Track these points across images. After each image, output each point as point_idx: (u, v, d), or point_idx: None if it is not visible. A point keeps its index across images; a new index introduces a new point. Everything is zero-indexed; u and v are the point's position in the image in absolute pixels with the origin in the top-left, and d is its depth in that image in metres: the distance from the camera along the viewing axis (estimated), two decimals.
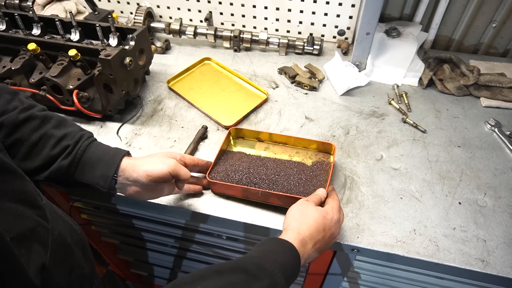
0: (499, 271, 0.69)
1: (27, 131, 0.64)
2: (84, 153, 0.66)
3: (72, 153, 0.65)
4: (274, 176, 0.81)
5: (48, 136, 0.65)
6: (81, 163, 0.65)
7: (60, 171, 0.65)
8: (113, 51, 0.85)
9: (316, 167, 0.84)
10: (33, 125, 0.64)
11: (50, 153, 0.64)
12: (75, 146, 0.65)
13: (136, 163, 0.68)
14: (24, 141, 0.64)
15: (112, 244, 1.31)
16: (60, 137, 0.65)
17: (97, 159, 0.66)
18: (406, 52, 1.11)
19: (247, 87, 1.09)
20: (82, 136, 0.67)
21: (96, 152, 0.67)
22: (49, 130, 0.65)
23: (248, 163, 0.84)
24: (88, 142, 0.67)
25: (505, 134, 0.93)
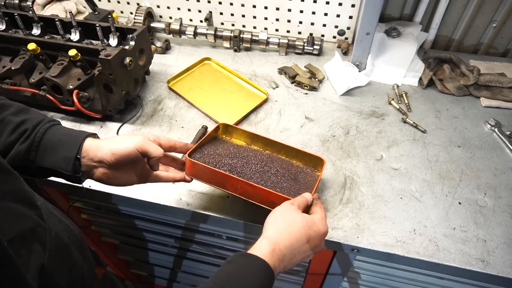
0: (499, 271, 0.69)
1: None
2: (43, 135, 0.60)
3: (30, 137, 0.59)
4: (259, 173, 0.75)
5: (6, 122, 0.59)
6: (41, 146, 0.60)
7: (18, 156, 0.59)
8: (113, 51, 0.85)
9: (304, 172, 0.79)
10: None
11: (7, 140, 0.59)
12: (34, 130, 0.60)
13: (100, 142, 0.62)
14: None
15: (112, 244, 1.31)
16: (18, 122, 0.59)
17: (58, 141, 0.60)
18: (406, 52, 1.11)
19: (247, 87, 1.09)
20: (42, 120, 0.61)
21: (56, 135, 0.61)
22: (7, 117, 0.60)
23: (233, 154, 0.77)
24: (48, 126, 0.61)
25: (505, 134, 0.93)
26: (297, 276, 1.09)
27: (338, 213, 0.78)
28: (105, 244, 1.29)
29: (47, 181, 0.85)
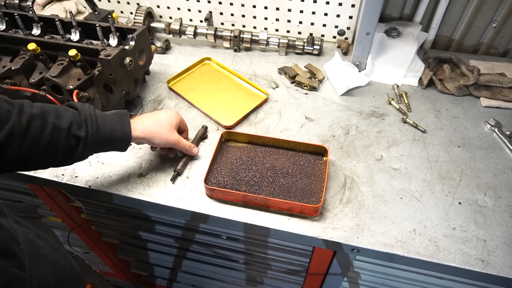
0: (499, 271, 0.69)
1: (36, 132, 0.63)
2: (98, 137, 0.68)
3: (88, 141, 0.67)
4: (270, 181, 0.82)
5: (58, 129, 0.65)
6: (97, 146, 0.69)
7: (82, 156, 0.69)
8: (113, 51, 0.85)
9: (311, 169, 0.84)
10: (38, 124, 0.63)
11: (68, 144, 0.66)
12: (87, 135, 0.67)
13: (147, 136, 0.75)
14: (39, 142, 0.63)
15: (112, 244, 1.31)
16: (67, 128, 0.65)
17: (110, 137, 0.69)
18: (406, 52, 1.11)
19: (247, 87, 1.09)
20: (86, 120, 0.67)
21: (106, 132, 0.69)
22: (55, 123, 0.65)
23: (243, 167, 0.84)
24: (96, 125, 0.68)
25: (505, 134, 0.93)
26: (297, 276, 1.09)
27: (338, 213, 0.78)
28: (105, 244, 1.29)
29: (47, 181, 0.85)
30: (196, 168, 0.87)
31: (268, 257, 1.03)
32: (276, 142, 0.88)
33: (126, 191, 0.82)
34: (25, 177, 0.87)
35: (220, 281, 1.32)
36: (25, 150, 0.62)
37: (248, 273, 1.19)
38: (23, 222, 0.55)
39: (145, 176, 0.85)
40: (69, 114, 0.66)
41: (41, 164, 0.68)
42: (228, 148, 0.89)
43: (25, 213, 0.61)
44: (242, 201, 0.79)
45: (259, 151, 0.88)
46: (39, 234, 0.55)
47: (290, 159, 0.86)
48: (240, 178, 0.82)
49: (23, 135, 0.61)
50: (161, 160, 0.88)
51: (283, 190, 0.80)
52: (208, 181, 0.81)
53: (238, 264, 1.14)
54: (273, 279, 1.16)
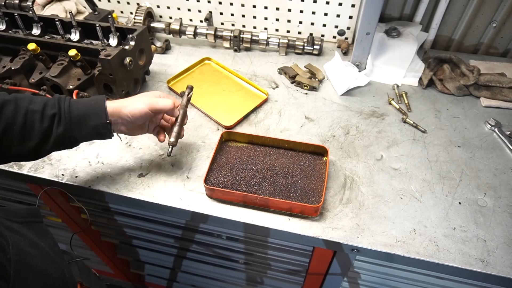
0: (499, 271, 0.69)
1: (10, 115, 0.64)
2: (71, 113, 0.68)
3: (61, 119, 0.67)
4: (270, 181, 0.82)
5: (31, 112, 0.66)
6: (73, 123, 0.68)
7: (60, 138, 0.68)
8: (113, 51, 0.85)
9: (311, 169, 0.84)
10: (11, 108, 0.65)
11: (42, 127, 0.66)
12: (60, 111, 0.67)
13: (119, 105, 0.72)
14: (12, 125, 0.65)
15: (112, 244, 1.31)
16: (41, 109, 0.66)
17: (85, 114, 0.69)
18: (406, 52, 1.11)
19: (247, 87, 1.09)
20: (59, 100, 0.69)
21: (80, 109, 0.69)
22: (28, 107, 0.66)
23: (243, 167, 0.84)
24: (68, 103, 0.68)
25: (505, 134, 0.93)
26: (297, 276, 1.09)
27: (338, 213, 0.78)
28: (105, 244, 1.29)
29: (47, 181, 0.85)
30: (196, 168, 0.87)
31: (268, 257, 1.03)
32: (276, 142, 0.88)
33: (126, 191, 0.82)
34: (25, 177, 0.87)
35: (220, 281, 1.32)
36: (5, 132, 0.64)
37: (248, 273, 1.19)
38: (18, 229, 0.54)
39: (145, 176, 0.85)
40: (43, 99, 0.68)
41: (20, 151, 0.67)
42: (228, 148, 0.89)
43: (24, 218, 0.61)
44: (242, 201, 0.79)
45: (259, 151, 0.88)
46: (34, 243, 0.54)
47: (290, 159, 0.86)
48: (240, 178, 0.82)
49: None
50: (161, 160, 0.88)
51: (283, 190, 0.80)
52: (208, 181, 0.81)
53: (238, 264, 1.14)
54: (273, 279, 1.16)
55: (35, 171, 0.86)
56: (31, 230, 0.59)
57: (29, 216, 0.62)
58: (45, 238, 0.62)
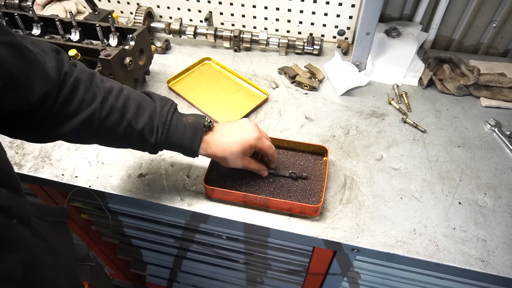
0: (499, 271, 0.69)
1: (112, 125, 0.65)
2: (166, 142, 0.69)
3: (155, 147, 0.69)
4: (270, 181, 0.82)
5: (131, 127, 0.66)
6: (167, 142, 0.70)
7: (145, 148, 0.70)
8: (113, 51, 0.85)
9: (311, 169, 0.84)
10: (115, 117, 0.65)
11: (139, 142, 0.68)
12: (157, 139, 0.68)
13: (216, 139, 0.72)
14: (114, 133, 0.66)
15: (112, 244, 1.31)
16: (140, 130, 0.66)
17: (177, 145, 0.70)
18: (406, 52, 1.11)
19: (247, 87, 1.09)
20: (158, 127, 0.67)
21: (174, 143, 0.70)
22: (131, 121, 0.65)
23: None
24: (165, 136, 0.68)
25: (505, 134, 0.93)
26: (297, 276, 1.09)
27: (338, 213, 0.78)
28: (105, 244, 1.29)
29: (47, 181, 0.85)
30: (196, 168, 0.87)
31: (268, 257, 1.03)
32: (276, 142, 0.88)
33: (126, 191, 0.82)
34: (25, 177, 0.87)
35: (220, 281, 1.32)
36: (102, 135, 0.66)
37: (248, 273, 1.19)
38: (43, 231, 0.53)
39: (145, 176, 0.85)
40: (147, 115, 0.67)
41: (118, 147, 0.71)
42: None
43: (54, 217, 0.60)
44: (242, 201, 0.79)
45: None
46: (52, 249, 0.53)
47: (290, 159, 0.86)
48: (240, 178, 0.82)
49: (101, 123, 0.64)
50: (161, 160, 0.88)
51: (283, 190, 0.80)
52: (208, 181, 0.81)
53: (238, 264, 1.14)
54: (273, 279, 1.16)
55: (35, 171, 0.86)
56: (56, 231, 0.59)
57: (59, 216, 0.62)
58: (66, 241, 0.61)
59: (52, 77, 0.59)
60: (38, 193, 1.05)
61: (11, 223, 0.43)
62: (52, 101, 0.59)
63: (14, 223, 0.44)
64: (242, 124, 0.74)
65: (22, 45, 0.54)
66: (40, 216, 0.56)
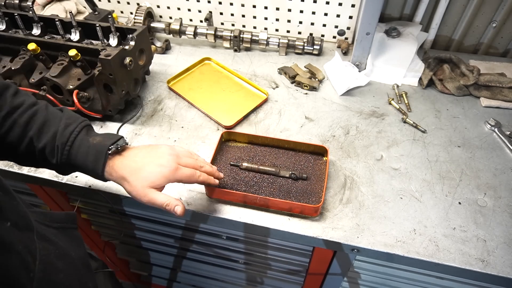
0: (499, 271, 0.69)
1: (13, 141, 0.63)
2: (68, 167, 0.65)
3: (58, 168, 0.66)
4: (270, 181, 0.82)
5: (32, 146, 0.63)
6: (70, 162, 0.65)
7: (47, 166, 0.67)
8: (113, 51, 0.85)
9: (311, 169, 0.84)
10: (16, 133, 0.62)
11: (42, 161, 0.65)
12: (57, 163, 0.64)
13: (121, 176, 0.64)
14: (16, 149, 0.64)
15: (112, 244, 1.31)
16: (40, 149, 0.63)
17: (84, 158, 0.65)
18: (406, 52, 1.11)
19: (247, 87, 1.09)
20: (58, 148, 0.64)
21: (77, 165, 0.65)
22: (33, 138, 0.63)
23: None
24: (66, 157, 0.64)
25: (505, 134, 0.93)
26: (297, 276, 1.09)
27: (338, 213, 0.78)
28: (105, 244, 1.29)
29: (47, 181, 0.85)
30: None
31: (268, 257, 1.03)
32: (276, 142, 0.88)
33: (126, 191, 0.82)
34: (25, 177, 0.87)
35: (220, 281, 1.32)
36: (6, 152, 0.63)
37: (248, 273, 1.19)
38: (51, 236, 0.52)
39: None
40: (50, 133, 0.63)
41: (26, 165, 0.69)
42: (228, 148, 0.89)
43: (61, 223, 0.59)
44: (242, 201, 0.79)
45: (259, 151, 0.88)
46: (64, 253, 0.52)
47: (290, 159, 0.86)
48: (240, 178, 0.82)
49: (1, 139, 0.62)
50: None
51: (283, 190, 0.80)
52: None
53: (238, 264, 1.14)
54: (273, 279, 1.16)
55: (35, 171, 0.86)
56: (65, 236, 0.58)
57: (66, 222, 0.61)
58: (77, 246, 0.60)
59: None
60: (38, 193, 1.05)
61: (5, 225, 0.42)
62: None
63: (9, 225, 0.43)
64: (158, 152, 0.67)
65: None
66: (45, 223, 0.55)
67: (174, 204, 0.64)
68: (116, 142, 0.65)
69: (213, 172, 0.73)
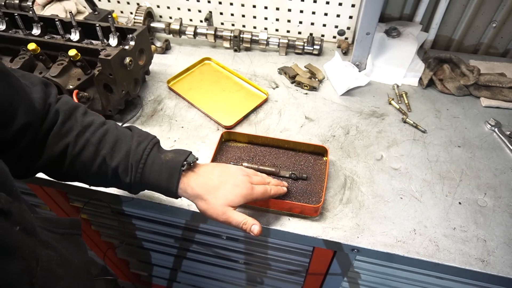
0: (499, 271, 0.69)
1: (86, 160, 0.62)
2: (141, 186, 0.65)
3: (131, 188, 0.65)
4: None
5: (105, 164, 0.63)
6: (142, 184, 0.65)
7: (119, 185, 0.66)
8: (113, 51, 0.85)
9: (311, 169, 0.84)
10: (89, 152, 0.62)
11: (114, 180, 0.64)
12: (130, 183, 0.64)
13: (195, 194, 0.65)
14: (88, 169, 0.63)
15: (112, 244, 1.31)
16: (114, 167, 0.63)
17: (154, 189, 0.65)
18: (406, 52, 1.11)
19: (247, 87, 1.09)
20: (132, 166, 0.63)
21: (150, 184, 0.64)
22: (106, 157, 0.62)
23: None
24: (140, 176, 0.63)
25: (505, 134, 0.93)
26: (297, 276, 1.09)
27: (338, 213, 0.78)
28: (105, 244, 1.29)
29: (47, 181, 0.85)
30: None
31: (268, 257, 1.03)
32: (276, 142, 0.88)
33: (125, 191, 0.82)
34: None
35: (220, 281, 1.32)
36: (77, 171, 0.63)
37: (248, 273, 1.19)
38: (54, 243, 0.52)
39: None
40: (123, 152, 0.62)
41: (97, 185, 0.68)
42: (228, 148, 0.89)
43: (66, 229, 0.58)
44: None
45: (259, 151, 0.88)
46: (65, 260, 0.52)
47: (290, 159, 0.86)
48: None
49: (75, 158, 0.62)
50: None
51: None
52: None
53: (238, 264, 1.14)
54: (273, 279, 1.16)
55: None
56: (69, 243, 0.57)
57: (71, 228, 0.60)
58: (79, 253, 0.60)
59: (37, 108, 0.58)
60: (38, 193, 1.05)
61: (14, 230, 0.42)
62: (33, 133, 0.58)
63: (17, 230, 0.43)
64: (231, 172, 0.68)
65: (9, 73, 0.54)
66: (49, 228, 0.55)
67: (251, 223, 0.65)
68: (187, 158, 0.65)
69: (279, 183, 0.76)
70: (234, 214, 0.64)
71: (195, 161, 0.66)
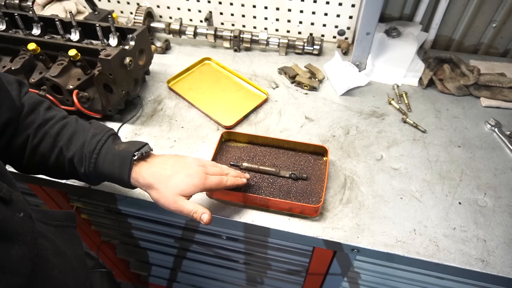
0: (499, 271, 0.69)
1: (45, 152, 0.65)
2: (95, 175, 0.66)
3: (86, 177, 0.67)
4: (270, 181, 0.82)
5: (62, 156, 0.66)
6: (100, 181, 0.70)
7: (74, 176, 0.69)
8: (113, 51, 0.85)
9: (311, 169, 0.84)
10: (47, 144, 0.65)
11: (71, 171, 0.67)
12: (85, 173, 0.66)
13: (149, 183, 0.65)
14: (46, 161, 0.66)
15: (112, 244, 1.31)
16: (69, 158, 0.65)
17: (109, 179, 0.68)
18: (406, 52, 1.11)
19: (247, 87, 1.09)
20: (85, 157, 0.65)
21: (104, 174, 0.66)
22: (63, 148, 0.65)
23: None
24: (93, 166, 0.65)
25: (505, 134, 0.93)
26: (297, 276, 1.09)
27: (338, 213, 0.78)
28: (105, 244, 1.29)
29: (47, 181, 0.85)
30: None
31: (268, 257, 1.03)
32: (276, 142, 0.88)
33: (126, 191, 0.82)
34: (25, 177, 0.87)
35: (220, 281, 1.32)
36: (38, 163, 0.66)
37: (248, 273, 1.19)
38: (49, 234, 0.53)
39: None
40: (79, 143, 0.65)
41: (57, 177, 0.72)
42: (228, 148, 0.89)
43: (60, 221, 0.60)
44: (242, 201, 0.79)
45: (259, 151, 0.88)
46: (60, 251, 0.53)
47: (290, 159, 0.86)
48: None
49: (34, 150, 0.65)
50: None
51: (283, 190, 0.80)
52: None
53: (238, 264, 1.14)
54: (273, 279, 1.16)
55: None
56: (63, 235, 0.59)
57: (65, 220, 0.61)
58: (74, 245, 0.61)
59: (17, 105, 0.62)
60: (38, 193, 1.05)
61: (17, 216, 0.44)
62: (13, 128, 0.62)
63: (22, 216, 0.44)
64: (186, 162, 0.68)
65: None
66: (44, 220, 0.56)
67: (201, 212, 0.65)
68: (141, 149, 0.66)
69: (238, 175, 0.76)
70: (185, 203, 0.64)
71: (149, 151, 0.68)
